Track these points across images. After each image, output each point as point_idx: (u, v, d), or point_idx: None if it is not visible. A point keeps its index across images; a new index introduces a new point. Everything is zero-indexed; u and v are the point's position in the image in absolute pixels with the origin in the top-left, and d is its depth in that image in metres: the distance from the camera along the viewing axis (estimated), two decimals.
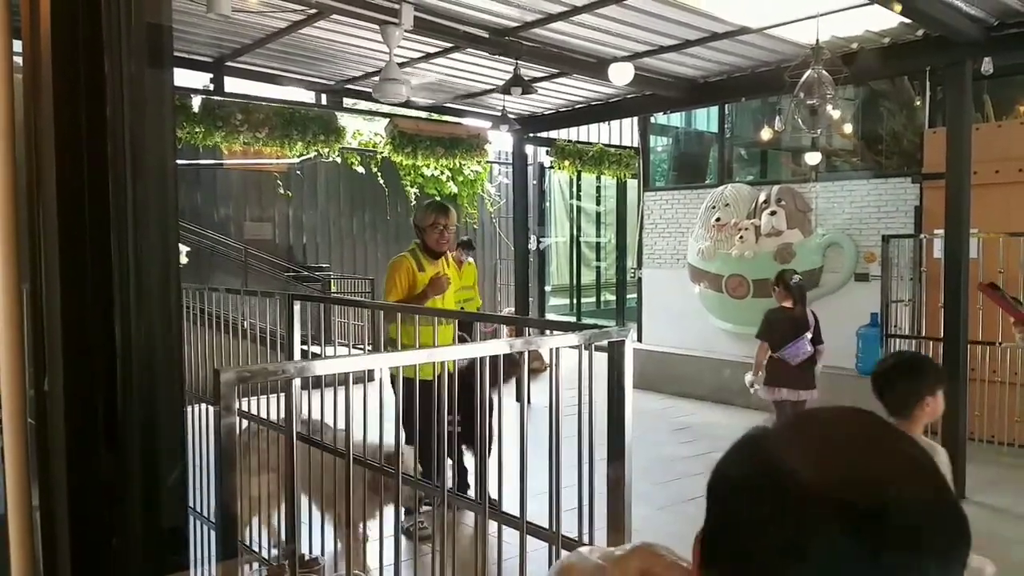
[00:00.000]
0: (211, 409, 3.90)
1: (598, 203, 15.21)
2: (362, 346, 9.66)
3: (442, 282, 4.84)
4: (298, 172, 11.41)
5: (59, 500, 1.07)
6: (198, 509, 4.03)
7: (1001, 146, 6.86)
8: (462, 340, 3.34)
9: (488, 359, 2.53)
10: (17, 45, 1.11)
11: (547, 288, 13.92)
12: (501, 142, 11.22)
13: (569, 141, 11.35)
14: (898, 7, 4.47)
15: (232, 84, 7.62)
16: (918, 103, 8.32)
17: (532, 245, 10.73)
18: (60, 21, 1.04)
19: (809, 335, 5.82)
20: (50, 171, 1.05)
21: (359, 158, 11.77)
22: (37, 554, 1.13)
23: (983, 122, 7.35)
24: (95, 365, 1.07)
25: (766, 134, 7.28)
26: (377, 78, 6.13)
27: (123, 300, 1.07)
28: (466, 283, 7.71)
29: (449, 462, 3.80)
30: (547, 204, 14.38)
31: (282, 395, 3.53)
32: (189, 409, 4.07)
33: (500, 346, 2.65)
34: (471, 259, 8.00)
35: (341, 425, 2.78)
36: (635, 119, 11.20)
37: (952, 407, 5.71)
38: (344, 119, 9.01)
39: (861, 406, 0.69)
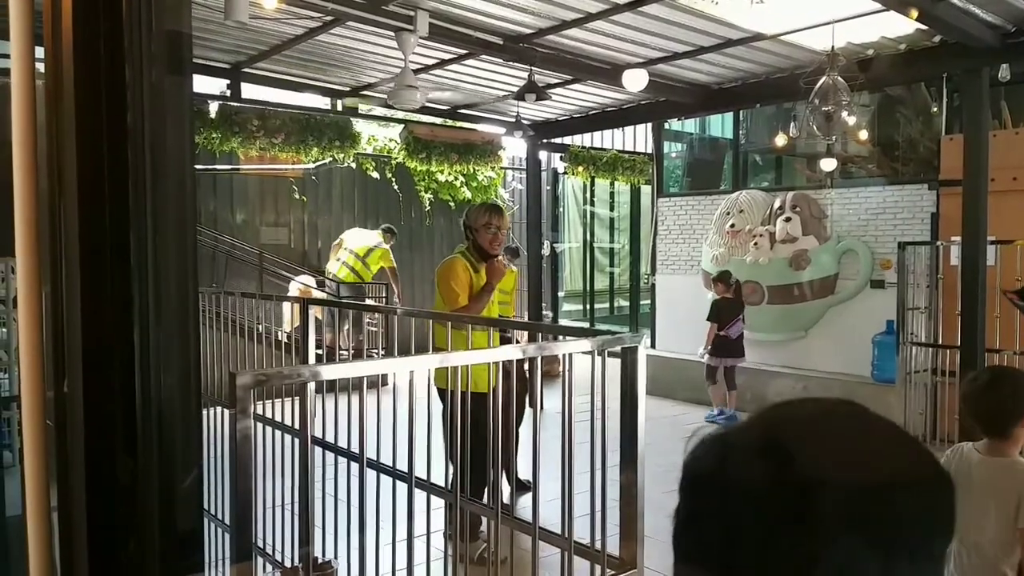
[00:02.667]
0: (226, 412, 3.93)
1: (612, 209, 15.19)
2: (376, 350, 9.69)
3: (500, 267, 4.65)
4: (313, 178, 11.47)
5: (77, 502, 1.08)
6: (211, 511, 4.06)
7: (1019, 153, 6.80)
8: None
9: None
10: (39, 52, 1.13)
11: (560, 293, 13.91)
12: (515, 148, 11.24)
13: (583, 147, 11.36)
14: (915, 14, 4.45)
15: (249, 90, 7.67)
16: (935, 109, 8.27)
17: (545, 251, 10.73)
18: (82, 28, 1.05)
19: (742, 316, 8.22)
20: (71, 176, 1.06)
21: (374, 164, 11.82)
22: (55, 555, 1.14)
23: (1000, 129, 7.30)
24: (114, 368, 1.08)
25: (781, 140, 7.27)
26: (392, 84, 6.17)
27: (142, 303, 1.08)
28: (505, 288, 7.75)
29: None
30: (561, 210, 14.38)
31: (296, 399, 3.55)
32: (203, 412, 4.09)
33: (513, 352, 2.66)
34: (513, 267, 8.04)
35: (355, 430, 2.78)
36: (649, 125, 11.18)
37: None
38: (359, 125, 9.06)
39: (877, 412, 0.69)
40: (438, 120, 9.32)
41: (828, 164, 8.29)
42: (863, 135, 7.37)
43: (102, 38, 1.05)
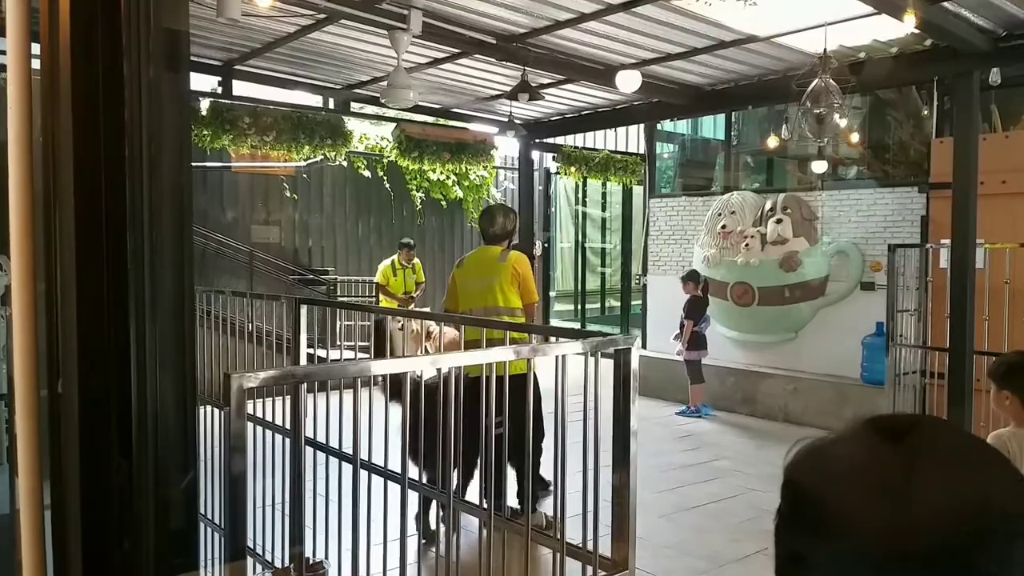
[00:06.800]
0: (216, 411, 3.91)
1: (604, 209, 15.21)
2: (368, 349, 9.65)
3: None
4: (304, 176, 11.44)
5: (71, 502, 1.08)
6: (203, 512, 4.03)
7: (1008, 156, 6.84)
8: None
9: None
10: (35, 48, 1.12)
11: (552, 294, 13.91)
12: (507, 147, 11.24)
13: (575, 147, 11.37)
14: (907, 17, 4.47)
15: (240, 88, 7.65)
16: (925, 113, 8.31)
17: (537, 251, 10.73)
18: (79, 25, 1.05)
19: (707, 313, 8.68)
20: (67, 173, 1.05)
21: (365, 162, 11.80)
22: (47, 554, 1.13)
23: (990, 132, 7.35)
24: (109, 367, 1.07)
25: (773, 142, 7.29)
26: (385, 83, 6.16)
27: (138, 302, 1.07)
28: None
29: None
30: (553, 210, 14.38)
31: (287, 398, 3.53)
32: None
33: (506, 353, 2.66)
34: None
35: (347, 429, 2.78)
36: (642, 126, 11.21)
37: (957, 419, 5.71)
38: (351, 123, 9.04)
39: (861, 412, 0.69)
40: (430, 119, 9.31)
41: (819, 166, 8.33)
42: (854, 138, 7.40)
43: (99, 35, 1.04)
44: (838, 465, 0.64)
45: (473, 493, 4.05)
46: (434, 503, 3.58)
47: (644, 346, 9.97)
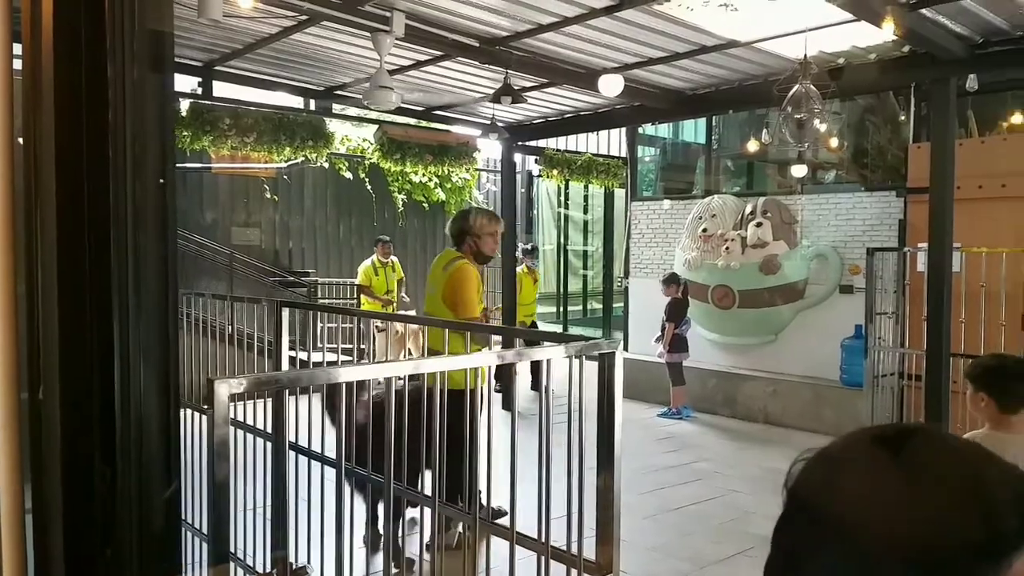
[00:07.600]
0: (196, 415, 3.88)
1: (586, 212, 15.25)
2: (350, 352, 9.61)
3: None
4: (285, 177, 11.38)
5: (53, 507, 1.06)
6: (184, 518, 3.99)
7: (984, 162, 6.94)
8: None
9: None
10: (17, 48, 1.11)
11: None
12: (490, 150, 11.25)
13: (558, 150, 11.38)
14: (886, 24, 4.52)
15: (221, 88, 7.58)
16: (903, 118, 8.41)
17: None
18: (62, 25, 1.04)
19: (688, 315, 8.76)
20: (50, 174, 1.04)
21: (347, 163, 11.76)
22: (28, 559, 1.12)
23: (967, 138, 7.44)
24: (91, 371, 1.06)
25: (753, 146, 7.34)
26: (367, 84, 6.14)
27: (121, 305, 1.06)
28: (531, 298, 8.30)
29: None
30: (535, 212, 14.40)
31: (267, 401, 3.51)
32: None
33: (491, 358, 2.66)
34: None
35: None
36: (624, 129, 11.24)
37: (934, 421, 5.78)
38: (332, 125, 9.00)
39: (840, 414, 0.71)
40: (412, 121, 9.29)
41: (799, 170, 8.40)
42: (833, 142, 7.47)
43: (83, 35, 1.03)
44: (846, 483, 0.66)
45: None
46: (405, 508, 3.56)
47: (626, 348, 9.93)
